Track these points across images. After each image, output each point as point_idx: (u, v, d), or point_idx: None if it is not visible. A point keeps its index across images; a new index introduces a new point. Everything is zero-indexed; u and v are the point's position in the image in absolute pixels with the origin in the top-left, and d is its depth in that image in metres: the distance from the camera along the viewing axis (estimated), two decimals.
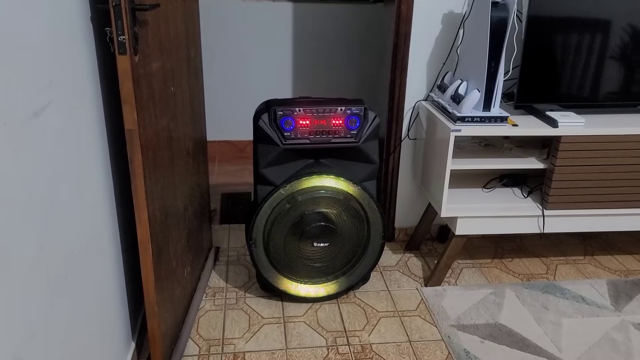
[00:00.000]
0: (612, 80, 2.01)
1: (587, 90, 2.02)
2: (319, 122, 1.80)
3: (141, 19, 1.35)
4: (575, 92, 2.02)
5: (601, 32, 1.94)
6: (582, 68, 1.98)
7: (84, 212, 1.24)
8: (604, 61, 1.98)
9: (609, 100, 2.05)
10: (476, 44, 1.88)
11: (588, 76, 2.00)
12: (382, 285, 2.14)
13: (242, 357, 1.75)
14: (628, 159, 1.95)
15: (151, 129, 1.46)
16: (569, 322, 1.94)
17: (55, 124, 1.07)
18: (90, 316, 1.28)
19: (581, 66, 1.98)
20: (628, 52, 1.98)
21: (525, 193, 2.12)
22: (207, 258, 2.23)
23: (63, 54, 1.13)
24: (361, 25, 3.22)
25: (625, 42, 1.97)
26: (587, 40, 1.95)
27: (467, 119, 1.87)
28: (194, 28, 1.95)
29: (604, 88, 2.02)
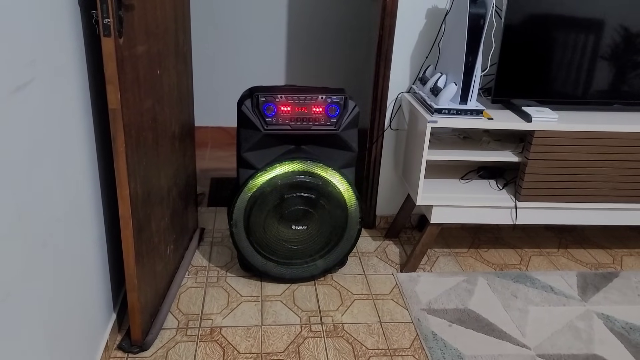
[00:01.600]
0: (589, 79, 2.08)
1: (564, 87, 2.08)
2: (300, 110, 1.87)
3: (127, 3, 1.41)
4: (552, 89, 2.08)
5: (578, 30, 2.00)
6: (559, 65, 2.04)
7: (65, 185, 1.31)
8: (581, 59, 2.05)
9: (585, 98, 2.11)
10: (455, 39, 1.95)
11: (565, 74, 2.06)
12: (359, 269, 2.22)
13: (219, 332, 1.83)
14: (600, 155, 2.01)
15: (135, 110, 1.53)
16: (535, 310, 2.02)
17: (38, 99, 1.14)
18: (70, 285, 1.35)
19: (558, 64, 2.04)
20: (605, 52, 2.04)
21: (501, 185, 2.19)
22: (192, 238, 2.31)
23: (48, 34, 1.20)
24: (352, 17, 3.28)
25: (602, 42, 2.03)
26: (565, 38, 2.01)
27: (444, 111, 1.94)
28: (184, 15, 2.01)
29: (580, 86, 2.08)
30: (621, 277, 2.25)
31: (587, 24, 2.00)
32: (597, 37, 2.02)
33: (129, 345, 1.73)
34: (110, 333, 1.71)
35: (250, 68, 3.34)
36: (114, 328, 1.75)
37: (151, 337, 1.77)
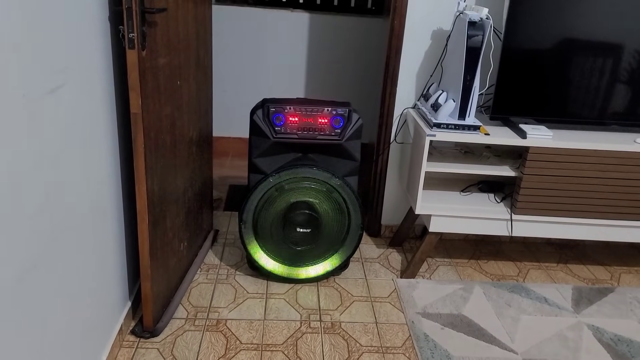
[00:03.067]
0: (585, 99, 2.17)
1: (560, 107, 2.18)
2: (307, 120, 2.02)
3: (150, 20, 1.59)
4: (549, 108, 2.18)
5: (574, 53, 2.11)
6: (556, 86, 2.15)
7: (90, 177, 1.49)
8: (577, 81, 2.15)
9: (581, 118, 2.21)
10: (456, 59, 2.08)
11: (561, 94, 2.16)
12: (361, 274, 2.34)
13: (224, 323, 1.97)
14: (593, 172, 2.10)
15: (154, 115, 1.70)
16: (527, 318, 2.10)
17: (68, 101, 1.31)
18: (89, 269, 1.52)
19: (554, 84, 2.15)
20: (600, 73, 2.14)
21: (499, 198, 2.29)
22: (206, 238, 2.47)
23: (81, 45, 1.38)
24: (366, 36, 3.44)
25: (598, 64, 2.13)
26: (561, 60, 2.11)
27: (443, 126, 2.06)
28: (205, 31, 2.19)
29: (576, 106, 2.18)
30: (616, 292, 2.31)
31: (582, 46, 2.10)
32: (592, 59, 2.12)
33: (140, 330, 1.88)
34: (125, 319, 1.87)
35: (269, 83, 3.52)
36: (128, 315, 1.91)
37: (161, 325, 1.92)
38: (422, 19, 2.28)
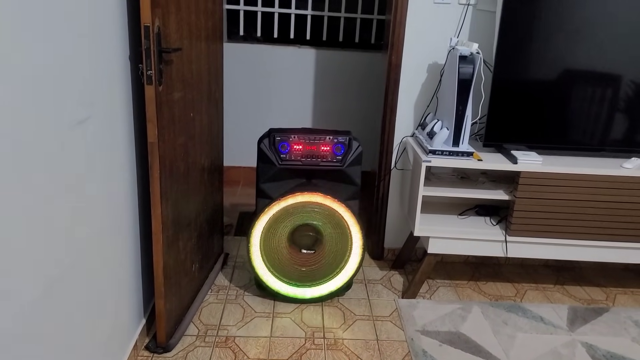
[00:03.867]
0: (575, 126, 2.30)
1: (551, 134, 2.31)
2: (310, 148, 2.17)
3: (166, 59, 1.77)
4: (538, 135, 2.31)
5: (561, 85, 2.25)
6: (545, 115, 2.28)
7: (109, 200, 1.64)
8: (565, 110, 2.28)
9: (570, 144, 2.33)
10: (449, 90, 2.22)
11: (550, 122, 2.29)
12: (364, 294, 2.45)
13: (233, 340, 2.09)
14: (582, 195, 2.21)
15: (169, 144, 1.86)
16: (523, 336, 2.19)
17: (93, 131, 1.47)
18: (107, 287, 1.65)
19: (543, 113, 2.28)
20: (588, 102, 2.27)
21: (495, 221, 2.41)
22: (217, 261, 2.60)
23: (104, 81, 1.55)
24: (368, 70, 3.62)
25: (585, 93, 2.26)
26: (549, 90, 2.25)
27: (438, 152, 2.20)
28: (217, 68, 2.37)
29: (566, 133, 2.31)
30: (611, 312, 2.39)
31: (569, 76, 2.24)
32: (579, 88, 2.25)
33: (154, 346, 2.00)
34: (140, 335, 1.99)
35: (278, 115, 3.70)
36: (142, 331, 2.03)
37: (174, 341, 2.04)
38: (418, 54, 2.44)
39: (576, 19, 2.17)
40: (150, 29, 1.65)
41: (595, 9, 2.16)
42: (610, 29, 2.19)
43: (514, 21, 2.17)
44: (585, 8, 2.16)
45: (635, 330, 2.25)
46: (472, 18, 2.41)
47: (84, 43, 1.39)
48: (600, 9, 2.16)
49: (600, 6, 2.16)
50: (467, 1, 2.38)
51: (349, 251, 2.28)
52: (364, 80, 3.66)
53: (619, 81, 2.26)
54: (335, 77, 3.66)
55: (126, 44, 1.73)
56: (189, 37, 1.96)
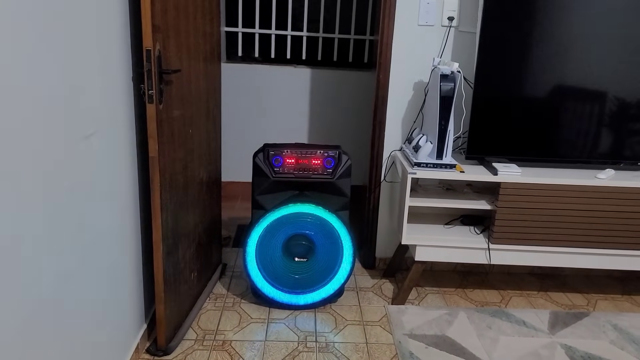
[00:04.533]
0: (552, 139, 2.44)
1: (530, 146, 2.44)
2: (302, 162, 2.30)
3: (166, 79, 1.91)
4: (520, 148, 2.44)
5: (538, 99, 2.39)
6: (524, 128, 2.42)
7: (113, 209, 1.77)
8: (542, 124, 2.42)
9: (549, 156, 2.46)
10: (432, 107, 2.36)
11: (530, 135, 2.43)
12: (355, 301, 2.56)
13: (229, 344, 2.20)
14: (559, 204, 2.34)
15: (169, 158, 2.00)
16: (505, 339, 2.30)
17: (98, 146, 1.61)
18: (111, 293, 1.78)
19: (522, 127, 2.42)
20: (564, 116, 2.41)
21: (479, 230, 2.53)
22: (215, 271, 2.72)
23: (109, 100, 1.69)
24: (360, 88, 3.77)
25: (561, 108, 2.40)
26: (527, 105, 2.39)
27: (422, 165, 2.33)
28: (214, 87, 2.52)
29: (545, 145, 2.44)
30: (591, 316, 2.50)
31: (546, 92, 2.38)
32: (555, 102, 2.39)
33: (155, 349, 2.12)
34: (141, 339, 2.11)
35: (275, 131, 3.85)
36: (144, 336, 2.15)
37: (173, 344, 2.15)
38: (404, 73, 2.59)
39: (550, 37, 2.32)
40: (152, 52, 1.80)
41: (566, 28, 2.31)
42: (581, 47, 2.33)
43: (492, 42, 2.31)
44: (558, 27, 2.31)
45: (613, 334, 2.36)
46: (454, 39, 2.56)
47: (92, 66, 1.54)
48: (571, 28, 2.31)
49: (571, 25, 2.31)
50: (450, 23, 2.53)
51: (340, 259, 2.40)
52: (357, 98, 3.82)
53: (595, 95, 2.40)
54: (329, 95, 3.81)
55: (129, 66, 1.88)
56: (187, 59, 2.11)
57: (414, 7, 2.52)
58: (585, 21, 2.31)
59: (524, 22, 2.30)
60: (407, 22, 2.53)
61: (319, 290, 2.44)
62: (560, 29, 2.31)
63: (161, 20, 1.83)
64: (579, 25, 2.31)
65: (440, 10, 2.52)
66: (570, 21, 2.31)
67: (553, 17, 2.30)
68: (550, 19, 2.30)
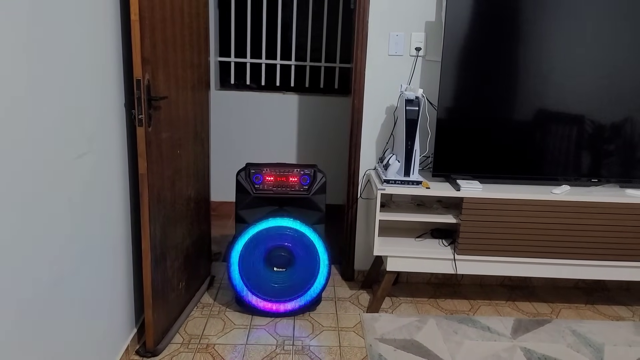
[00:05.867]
0: (511, 158, 2.65)
1: (491, 165, 2.65)
2: (280, 179, 2.52)
3: (155, 105, 2.15)
4: (482, 166, 2.66)
5: (497, 120, 2.61)
6: (486, 148, 2.63)
7: (106, 221, 1.99)
8: (502, 142, 2.63)
9: (509, 173, 2.67)
10: (400, 129, 2.59)
11: (491, 154, 2.64)
12: (333, 310, 2.75)
13: (212, 347, 2.39)
14: (517, 217, 2.54)
15: (158, 176, 2.22)
16: (469, 343, 2.47)
17: (91, 164, 1.84)
18: (103, 294, 1.98)
19: (484, 146, 2.63)
20: (522, 136, 2.63)
21: (447, 242, 2.73)
22: (204, 282, 2.92)
23: (103, 123, 1.92)
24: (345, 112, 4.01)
25: (519, 128, 2.62)
26: (487, 127, 2.61)
27: (391, 182, 2.54)
28: (202, 112, 2.76)
29: (504, 163, 2.65)
30: (553, 323, 2.67)
31: (504, 115, 2.60)
32: (513, 124, 2.61)
33: (144, 351, 2.31)
34: (131, 342, 2.30)
35: (264, 153, 4.08)
36: (134, 339, 2.34)
37: (161, 347, 2.34)
38: (377, 98, 2.83)
39: (504, 65, 2.55)
40: (142, 81, 2.04)
41: (518, 57, 2.55)
42: (536, 71, 2.56)
43: (452, 70, 2.55)
44: (511, 56, 2.54)
45: (571, 338, 2.53)
46: (422, 67, 2.80)
47: (88, 93, 1.78)
48: (523, 54, 2.55)
49: (523, 52, 2.54)
50: (417, 53, 2.77)
51: (317, 269, 2.60)
52: (342, 122, 4.06)
53: (548, 116, 2.61)
54: (316, 119, 4.05)
55: (122, 93, 2.11)
56: (175, 87, 2.35)
57: (384, 39, 2.76)
58: (534, 48, 2.54)
59: (480, 51, 2.54)
60: (379, 52, 2.78)
61: (298, 298, 2.63)
62: (513, 57, 2.55)
63: (150, 53, 2.07)
64: (530, 54, 2.54)
65: (408, 41, 2.77)
66: (521, 51, 2.54)
67: (505, 47, 2.54)
68: (503, 48, 2.54)
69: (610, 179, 2.71)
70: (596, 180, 2.71)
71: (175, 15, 2.31)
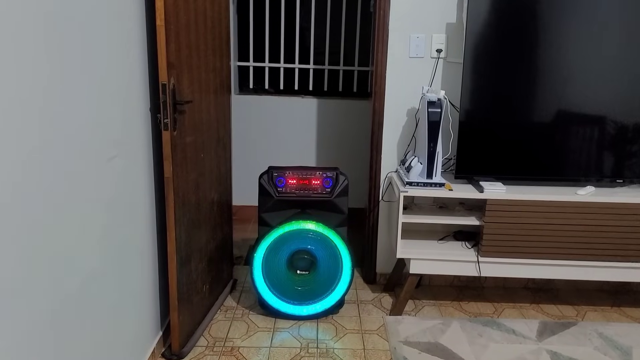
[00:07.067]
0: (535, 159, 2.63)
1: (515, 166, 2.64)
2: (303, 182, 2.53)
3: (180, 109, 2.17)
4: (506, 167, 2.64)
5: (520, 121, 2.59)
6: (509, 149, 2.62)
7: (132, 225, 2.01)
8: (524, 146, 2.61)
9: (533, 175, 2.65)
10: (423, 131, 2.58)
11: (514, 156, 2.62)
12: (355, 312, 2.74)
13: (237, 350, 2.40)
14: (541, 219, 2.52)
15: (182, 179, 2.24)
16: (495, 345, 2.45)
17: (120, 167, 1.86)
18: (130, 297, 2.00)
19: (508, 148, 2.62)
20: (545, 137, 2.61)
21: (470, 245, 2.71)
22: (226, 285, 2.93)
23: (130, 128, 1.94)
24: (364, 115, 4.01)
25: (542, 129, 2.60)
26: (510, 128, 2.60)
27: (414, 184, 2.54)
28: (224, 116, 2.78)
29: (528, 165, 2.63)
30: (579, 326, 2.64)
31: (527, 116, 2.59)
32: (536, 125, 2.59)
33: (169, 354, 2.32)
34: (157, 345, 2.32)
35: (285, 157, 4.09)
36: (159, 342, 2.36)
37: (186, 350, 2.36)
38: (398, 101, 2.83)
39: (527, 65, 2.54)
40: (167, 86, 2.06)
41: (541, 56, 2.53)
42: (552, 72, 2.54)
43: (474, 71, 2.54)
44: (534, 55, 2.53)
45: (598, 341, 2.50)
46: (443, 68, 2.79)
47: (117, 97, 1.80)
48: (545, 55, 2.53)
49: (545, 52, 2.53)
50: (438, 55, 2.77)
51: (340, 272, 2.60)
52: (360, 125, 4.06)
53: (573, 116, 2.59)
54: (334, 123, 4.06)
55: (147, 97, 2.14)
56: (199, 91, 2.37)
57: (405, 41, 2.76)
58: (558, 49, 2.52)
59: (503, 52, 2.53)
60: (399, 55, 2.78)
61: (321, 301, 2.63)
62: (536, 58, 2.53)
63: (175, 57, 2.10)
64: (554, 55, 2.53)
65: (429, 43, 2.76)
66: (545, 51, 2.52)
67: (528, 47, 2.52)
68: (526, 49, 2.52)
69: (635, 179, 2.68)
70: (621, 180, 2.68)
71: (199, 19, 2.33)
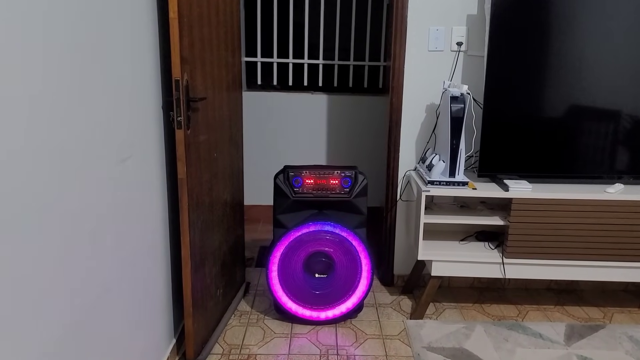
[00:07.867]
0: (561, 156, 2.52)
1: (540, 164, 2.53)
2: (320, 182, 2.42)
3: (193, 107, 2.06)
4: (530, 165, 2.54)
5: (546, 118, 2.49)
6: (534, 146, 2.51)
7: (146, 227, 1.90)
8: (549, 143, 2.51)
9: (559, 172, 2.55)
10: (444, 127, 2.48)
11: (539, 153, 2.52)
12: (375, 317, 2.64)
13: (254, 358, 2.30)
14: (569, 218, 2.41)
15: (196, 180, 2.14)
16: (522, 351, 2.35)
17: (133, 168, 1.76)
18: (143, 305, 1.90)
19: (532, 145, 2.51)
20: (571, 134, 2.50)
21: (493, 245, 2.61)
22: (239, 289, 2.83)
23: (142, 127, 1.84)
24: (375, 111, 3.91)
25: (568, 126, 2.49)
26: (535, 124, 2.49)
27: (436, 183, 2.43)
28: (236, 113, 2.67)
29: (554, 162, 2.53)
30: (607, 329, 2.54)
31: (553, 111, 2.48)
32: (563, 122, 2.49)
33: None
34: (170, 352, 2.22)
35: (295, 155, 3.99)
36: (173, 350, 2.25)
37: (201, 357, 2.26)
38: (416, 96, 2.72)
39: (553, 59, 2.43)
40: (180, 82, 1.95)
41: (569, 50, 2.42)
42: (583, 67, 2.44)
43: (498, 65, 2.43)
44: (560, 49, 2.42)
45: (629, 345, 2.40)
46: (463, 62, 2.69)
47: (127, 97, 1.70)
48: (573, 49, 2.42)
49: (573, 46, 2.42)
50: (458, 48, 2.66)
51: (358, 275, 2.50)
52: (372, 121, 3.95)
53: (602, 113, 2.49)
54: (345, 119, 3.95)
55: (159, 95, 2.03)
56: (212, 88, 2.26)
57: (424, 34, 2.65)
58: (586, 42, 2.42)
59: (528, 45, 2.42)
60: (418, 48, 2.67)
61: (339, 305, 2.53)
62: (562, 51, 2.42)
63: (188, 52, 1.99)
64: (581, 48, 2.42)
65: (449, 36, 2.66)
66: (571, 44, 2.42)
67: (555, 40, 2.42)
68: (552, 42, 2.42)
69: None
70: None
71: (211, 12, 2.22)
